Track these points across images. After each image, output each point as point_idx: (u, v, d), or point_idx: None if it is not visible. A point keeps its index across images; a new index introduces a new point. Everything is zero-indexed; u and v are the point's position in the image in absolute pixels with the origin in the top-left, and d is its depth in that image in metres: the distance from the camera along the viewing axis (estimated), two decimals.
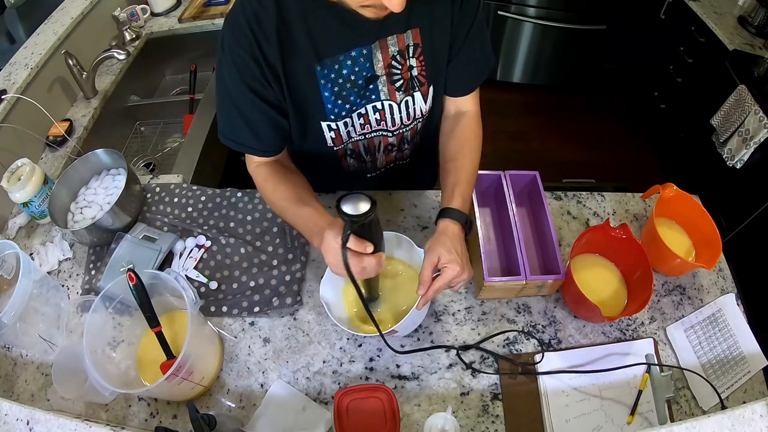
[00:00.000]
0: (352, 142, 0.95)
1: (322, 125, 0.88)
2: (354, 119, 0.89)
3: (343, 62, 0.81)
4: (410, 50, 0.83)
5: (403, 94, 0.88)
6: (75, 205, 1.10)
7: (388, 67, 0.84)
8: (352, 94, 0.85)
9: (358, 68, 0.82)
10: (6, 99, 1.21)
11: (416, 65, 0.85)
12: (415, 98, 0.90)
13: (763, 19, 1.97)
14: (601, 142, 2.80)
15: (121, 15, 1.66)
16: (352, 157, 1.00)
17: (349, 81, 0.83)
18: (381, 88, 0.86)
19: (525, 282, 0.90)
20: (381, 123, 0.92)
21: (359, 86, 0.84)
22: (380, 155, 1.02)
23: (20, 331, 0.87)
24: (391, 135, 0.96)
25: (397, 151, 1.03)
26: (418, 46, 0.83)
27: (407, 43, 0.82)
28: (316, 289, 1.00)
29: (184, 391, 0.82)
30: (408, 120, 0.94)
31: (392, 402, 0.82)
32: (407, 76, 0.86)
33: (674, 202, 1.04)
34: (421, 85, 0.88)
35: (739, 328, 0.95)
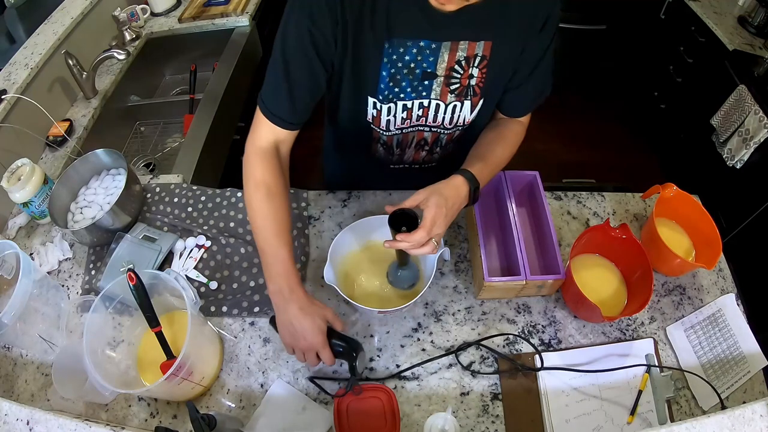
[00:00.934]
0: (388, 135, 0.95)
1: (369, 100, 0.87)
2: (398, 109, 0.88)
3: (409, 48, 0.80)
4: (477, 60, 0.82)
5: (455, 98, 0.88)
6: (75, 205, 1.10)
7: (450, 70, 0.83)
8: (406, 81, 0.84)
9: (422, 59, 0.81)
10: (6, 99, 1.21)
11: (477, 75, 0.85)
12: (464, 105, 0.89)
13: (763, 19, 1.97)
14: (601, 142, 2.80)
15: (121, 15, 1.66)
16: (383, 146, 1.00)
17: (407, 68, 0.82)
18: (435, 87, 0.85)
19: (525, 282, 0.90)
20: (421, 119, 0.92)
21: (416, 77, 0.83)
22: (410, 150, 1.01)
23: (20, 331, 0.87)
24: (428, 131, 0.95)
25: (427, 152, 1.03)
26: (486, 58, 0.82)
27: (476, 52, 0.81)
28: (316, 289, 1.00)
29: (184, 391, 0.82)
30: (450, 124, 0.93)
31: (392, 402, 0.82)
32: (465, 83, 0.85)
33: (674, 202, 1.04)
34: (475, 95, 0.88)
35: (739, 328, 0.95)
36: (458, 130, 0.96)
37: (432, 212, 0.77)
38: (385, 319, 0.95)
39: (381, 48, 0.79)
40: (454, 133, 0.97)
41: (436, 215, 0.77)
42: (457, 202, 0.82)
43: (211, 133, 1.44)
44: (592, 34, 2.69)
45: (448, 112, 0.90)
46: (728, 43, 1.96)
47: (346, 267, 0.97)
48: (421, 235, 0.75)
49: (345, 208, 1.13)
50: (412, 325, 0.95)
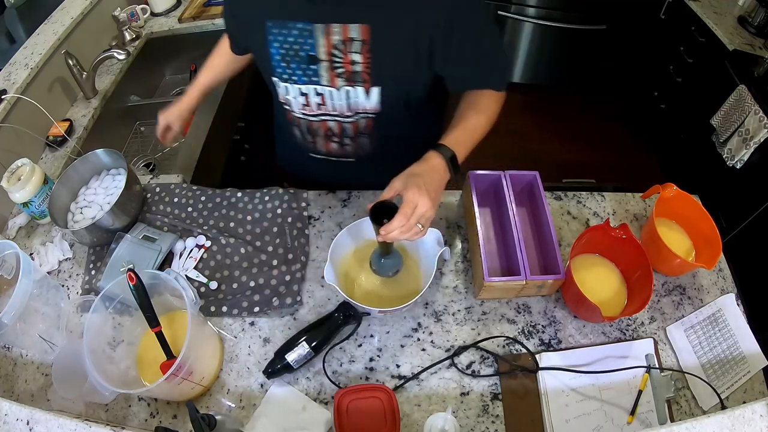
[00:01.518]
0: (297, 117, 0.97)
1: (272, 79, 0.92)
2: (296, 93, 0.91)
3: (290, 30, 0.82)
4: (354, 44, 0.81)
5: (345, 83, 0.87)
6: (75, 205, 1.10)
7: (330, 54, 0.83)
8: (295, 63, 0.86)
9: (303, 41, 0.83)
10: (6, 99, 1.21)
11: (361, 61, 0.83)
12: (358, 91, 0.88)
13: (763, 19, 1.97)
14: (601, 142, 2.80)
15: (121, 15, 1.66)
16: (298, 129, 1.01)
17: (293, 50, 0.84)
18: (322, 73, 0.86)
19: (525, 282, 0.90)
20: (321, 107, 0.92)
21: (303, 60, 0.85)
22: (320, 139, 1.01)
23: (20, 331, 0.87)
24: (331, 120, 0.95)
25: (337, 144, 1.01)
26: (366, 42, 0.81)
27: (351, 35, 0.80)
28: (316, 288, 1.00)
29: (184, 391, 0.82)
30: (349, 111, 0.92)
31: (392, 402, 0.82)
32: (349, 68, 0.85)
33: (674, 202, 1.04)
34: (364, 81, 0.86)
35: (739, 328, 0.95)
36: (362, 119, 0.94)
37: (409, 194, 0.74)
38: (385, 319, 0.95)
39: (264, 27, 0.84)
40: (358, 123, 0.95)
41: (413, 196, 0.74)
42: (435, 177, 0.79)
43: (211, 133, 1.44)
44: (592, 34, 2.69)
45: (342, 98, 0.89)
46: (728, 43, 1.96)
47: (346, 267, 0.97)
48: (400, 219, 0.73)
49: (345, 208, 1.13)
50: (412, 325, 0.95)
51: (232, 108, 1.67)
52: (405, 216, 0.73)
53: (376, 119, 0.94)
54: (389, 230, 0.73)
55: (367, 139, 0.99)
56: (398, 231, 0.74)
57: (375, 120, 0.94)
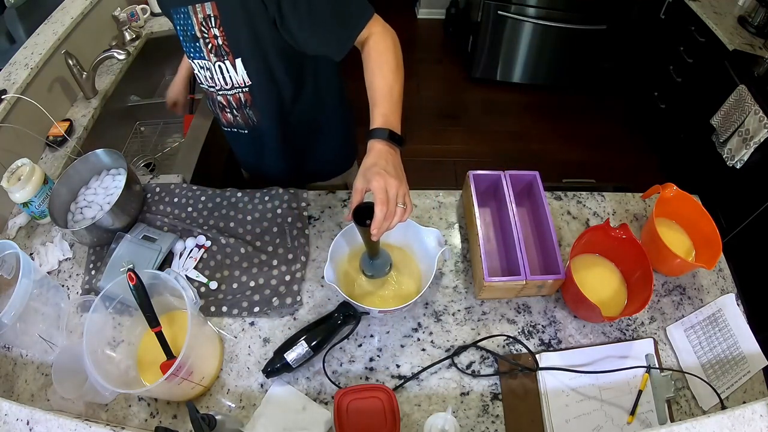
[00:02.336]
0: (206, 90, 1.07)
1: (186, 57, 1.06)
2: (198, 68, 1.02)
3: (180, 14, 0.93)
4: (211, 20, 0.90)
5: (216, 58, 0.96)
6: (75, 205, 1.10)
7: (201, 32, 0.93)
8: (187, 42, 0.97)
9: (185, 23, 0.93)
10: (6, 99, 1.21)
11: (219, 35, 0.92)
12: (227, 65, 0.96)
13: (763, 19, 1.97)
14: (601, 142, 2.80)
15: (121, 15, 1.66)
16: (210, 103, 1.12)
17: (184, 31, 0.95)
18: (201, 48, 0.95)
19: (525, 282, 0.90)
20: (211, 80, 1.02)
21: (189, 38, 0.96)
22: (220, 112, 1.11)
23: (20, 331, 0.87)
24: (218, 93, 1.04)
25: (231, 115, 1.09)
26: (217, 18, 0.89)
27: (208, 12, 0.89)
28: (316, 288, 1.00)
29: (184, 391, 0.82)
30: (227, 85, 1.01)
31: (392, 402, 0.82)
32: (215, 43, 0.93)
33: (674, 202, 1.04)
34: (227, 54, 0.94)
35: (739, 328, 0.95)
36: (240, 92, 1.02)
37: (374, 184, 0.73)
38: (385, 319, 0.95)
39: (169, 12, 0.95)
40: (239, 96, 1.03)
41: (379, 183, 0.73)
42: (387, 158, 0.78)
43: (211, 133, 1.44)
44: (592, 34, 2.70)
45: (218, 73, 0.99)
46: (728, 43, 1.96)
47: (346, 267, 0.97)
48: (380, 208, 0.72)
49: (345, 208, 1.13)
50: (412, 325, 0.95)
51: None
52: (382, 203, 0.73)
53: (250, 92, 1.01)
54: (377, 224, 0.73)
55: (251, 111, 1.07)
56: (384, 219, 0.73)
57: (250, 93, 1.02)
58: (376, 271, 0.93)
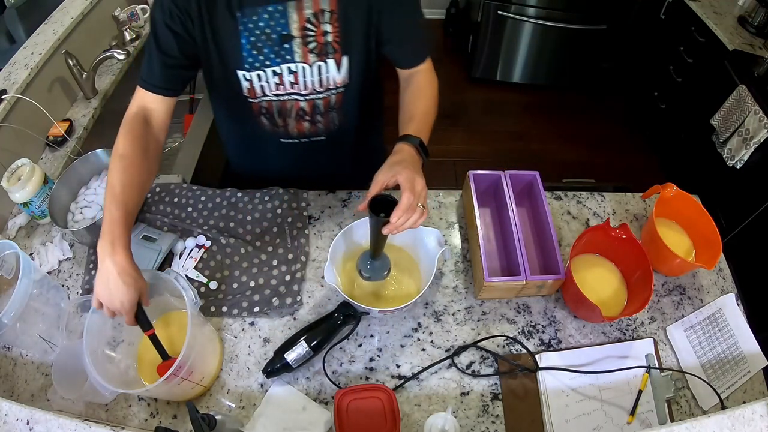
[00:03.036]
0: (266, 100, 0.97)
1: (237, 74, 0.91)
2: (269, 75, 0.92)
3: (261, 14, 0.84)
4: (325, 15, 0.86)
5: (316, 57, 0.90)
6: (75, 205, 1.10)
7: (303, 29, 0.87)
8: (267, 47, 0.88)
9: (274, 23, 0.85)
10: (6, 99, 1.21)
11: (331, 31, 0.87)
12: (329, 65, 0.92)
13: (763, 19, 1.97)
14: (601, 142, 2.80)
15: (121, 15, 1.66)
16: (266, 117, 1.01)
17: (264, 34, 0.86)
18: (296, 49, 0.89)
19: (525, 282, 0.90)
20: (294, 86, 0.94)
21: (274, 41, 0.87)
22: (292, 120, 1.02)
23: (20, 331, 0.87)
24: (303, 99, 0.97)
25: (309, 123, 1.03)
26: (334, 12, 0.86)
27: (322, 7, 0.85)
28: (316, 288, 1.00)
29: (184, 391, 0.82)
30: (320, 87, 0.95)
31: (392, 402, 0.82)
32: (321, 40, 0.88)
33: (674, 202, 1.04)
34: (335, 51, 0.90)
35: (739, 328, 0.95)
36: (332, 94, 0.97)
37: (404, 175, 0.76)
38: (385, 319, 0.95)
39: (235, 18, 0.84)
40: (329, 99, 0.98)
41: (408, 174, 0.76)
42: (415, 161, 0.83)
43: (211, 133, 1.44)
44: (592, 34, 2.69)
45: (315, 74, 0.93)
46: (728, 43, 1.96)
47: (346, 267, 0.97)
48: (407, 195, 0.74)
49: (345, 208, 1.13)
50: (412, 325, 0.95)
51: None
52: (411, 191, 0.75)
53: (345, 93, 0.98)
54: (400, 211, 0.73)
55: (336, 114, 1.03)
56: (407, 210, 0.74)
57: (344, 94, 0.98)
58: (373, 274, 0.90)
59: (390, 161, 0.81)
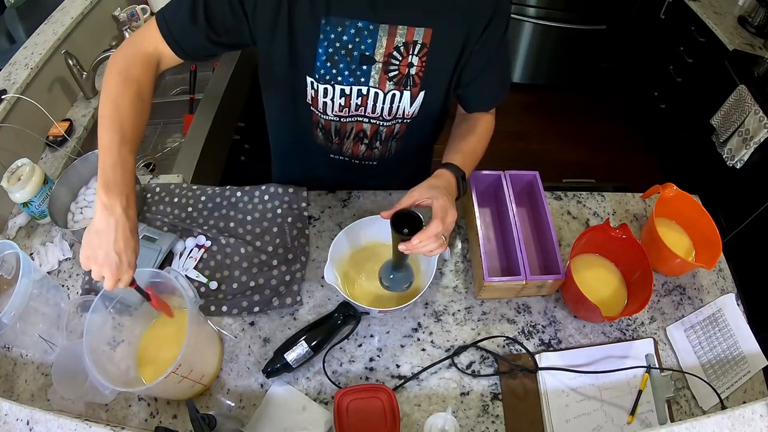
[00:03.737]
0: (325, 119, 0.93)
1: (307, 79, 0.86)
2: (336, 94, 0.87)
3: (347, 28, 0.79)
4: (416, 47, 0.81)
5: (394, 86, 0.86)
6: (75, 205, 1.10)
7: (388, 56, 0.82)
8: (343, 62, 0.82)
9: (359, 40, 0.80)
10: (6, 99, 1.21)
11: (417, 64, 0.83)
12: (404, 96, 0.88)
13: (763, 19, 1.97)
14: (601, 142, 2.80)
15: (121, 15, 1.66)
16: (322, 131, 0.98)
17: (345, 49, 0.81)
18: (373, 74, 0.84)
19: (525, 282, 0.90)
20: (360, 109, 0.90)
21: (354, 60, 0.82)
22: (349, 141, 0.99)
23: (20, 331, 0.87)
24: (366, 122, 0.93)
25: (366, 146, 1.00)
26: (426, 46, 0.81)
27: (416, 39, 0.80)
28: (316, 288, 1.00)
29: (183, 390, 0.82)
30: (389, 115, 0.91)
31: (392, 402, 0.82)
32: (404, 71, 0.84)
33: (674, 202, 1.04)
34: (414, 85, 0.86)
35: (739, 328, 0.95)
36: (398, 124, 0.94)
37: (440, 202, 0.75)
38: (385, 319, 0.95)
39: (318, 24, 0.78)
40: (393, 127, 0.94)
41: (445, 204, 0.75)
42: (452, 192, 0.82)
43: (211, 133, 1.44)
44: (592, 34, 2.69)
45: (387, 102, 0.88)
46: (728, 43, 1.96)
47: (346, 267, 0.97)
48: (437, 223, 0.73)
49: (345, 208, 1.13)
50: (412, 325, 0.95)
51: (232, 108, 1.67)
52: (442, 220, 0.74)
53: (410, 124, 0.94)
54: (424, 236, 0.72)
55: (395, 144, 1.00)
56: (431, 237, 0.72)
57: (409, 125, 0.94)
58: (393, 285, 0.89)
59: (429, 183, 0.80)
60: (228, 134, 1.67)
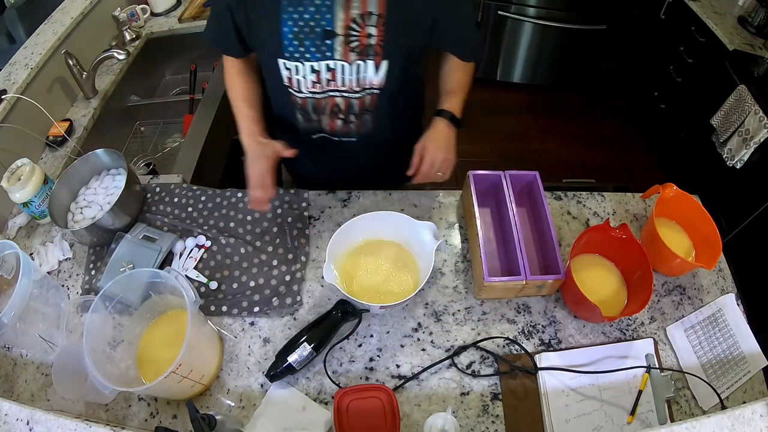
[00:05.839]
0: (302, 97, 0.97)
1: (278, 62, 0.91)
2: (306, 71, 0.91)
3: (306, 6, 0.83)
4: (372, 18, 0.84)
5: (357, 56, 0.89)
6: (75, 205, 1.10)
7: (347, 28, 0.85)
8: (309, 40, 0.87)
9: (319, 17, 0.84)
10: (6, 99, 1.21)
11: (376, 34, 0.86)
12: (368, 66, 0.90)
13: (763, 19, 1.97)
14: (601, 142, 2.80)
15: (121, 15, 1.66)
16: (301, 112, 1.01)
17: (308, 27, 0.85)
18: (337, 47, 0.87)
19: (525, 282, 0.90)
20: (331, 83, 0.93)
21: (317, 35, 0.86)
22: (326, 117, 1.02)
23: (20, 331, 0.87)
24: (339, 96, 0.96)
25: (342, 121, 1.02)
26: (381, 16, 0.84)
27: (369, 9, 0.83)
28: (316, 288, 1.00)
29: (183, 390, 0.82)
30: (357, 86, 0.94)
31: (392, 402, 0.82)
32: (365, 42, 0.87)
33: (674, 202, 1.04)
34: (376, 55, 0.89)
35: (739, 328, 0.95)
36: (368, 95, 0.96)
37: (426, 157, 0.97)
38: (384, 319, 0.95)
39: (277, 5, 0.84)
40: (365, 99, 0.97)
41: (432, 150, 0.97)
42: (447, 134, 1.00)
43: (211, 133, 1.44)
44: (592, 34, 2.69)
45: (353, 73, 0.92)
46: (728, 43, 1.96)
47: (345, 265, 0.97)
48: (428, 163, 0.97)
49: (345, 208, 1.13)
50: (412, 325, 0.95)
51: None
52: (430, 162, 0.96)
53: (380, 95, 0.97)
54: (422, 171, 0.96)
55: (370, 117, 1.02)
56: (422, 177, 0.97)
57: (379, 96, 0.97)
58: None
59: (426, 137, 0.99)
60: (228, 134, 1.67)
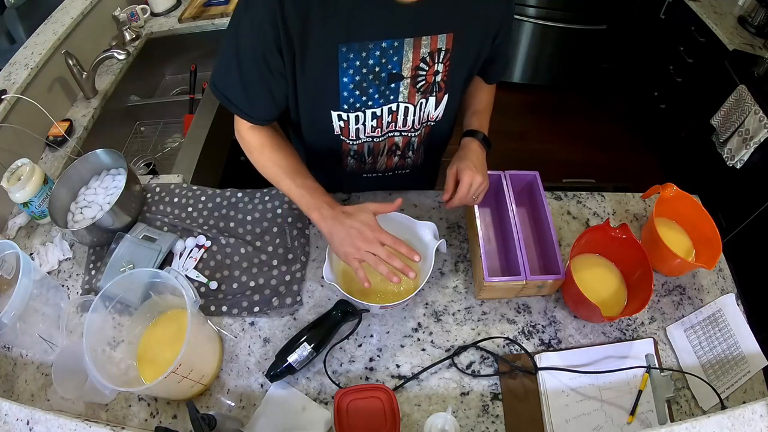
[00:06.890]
0: (358, 143, 0.93)
1: (332, 114, 0.84)
2: (367, 117, 0.85)
3: (371, 51, 0.75)
4: (441, 54, 0.80)
5: (421, 96, 0.86)
6: (75, 205, 1.10)
7: (415, 69, 0.80)
8: (373, 87, 0.80)
9: (386, 61, 0.77)
10: (6, 99, 1.21)
11: (441, 71, 0.82)
12: (429, 102, 0.88)
13: (763, 19, 1.97)
14: (601, 142, 2.80)
15: (121, 15, 1.66)
16: (354, 157, 1.00)
17: (372, 73, 0.78)
18: (402, 90, 0.82)
19: (525, 282, 0.90)
20: (390, 125, 0.90)
21: (382, 81, 0.80)
22: (382, 158, 1.01)
23: (20, 331, 0.87)
24: (398, 135, 0.94)
25: (399, 157, 1.02)
26: (449, 51, 0.80)
27: (440, 46, 0.78)
28: (316, 288, 1.00)
29: (183, 390, 0.82)
30: (418, 125, 0.93)
31: (392, 402, 0.82)
32: (431, 80, 0.83)
33: (674, 202, 1.04)
34: (440, 90, 0.86)
35: (739, 328, 0.95)
36: (424, 128, 0.97)
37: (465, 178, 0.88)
38: (385, 319, 0.95)
39: (335, 52, 0.74)
40: (422, 134, 0.98)
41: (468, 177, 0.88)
42: (478, 156, 0.93)
43: (211, 133, 1.44)
44: (592, 34, 2.69)
45: (417, 113, 0.89)
46: (728, 43, 1.96)
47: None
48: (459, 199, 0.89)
49: None
50: (412, 325, 0.95)
51: None
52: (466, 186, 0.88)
53: (433, 126, 0.97)
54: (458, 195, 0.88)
55: (424, 147, 1.03)
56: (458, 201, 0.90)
57: (432, 127, 0.97)
58: None
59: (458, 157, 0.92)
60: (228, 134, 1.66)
